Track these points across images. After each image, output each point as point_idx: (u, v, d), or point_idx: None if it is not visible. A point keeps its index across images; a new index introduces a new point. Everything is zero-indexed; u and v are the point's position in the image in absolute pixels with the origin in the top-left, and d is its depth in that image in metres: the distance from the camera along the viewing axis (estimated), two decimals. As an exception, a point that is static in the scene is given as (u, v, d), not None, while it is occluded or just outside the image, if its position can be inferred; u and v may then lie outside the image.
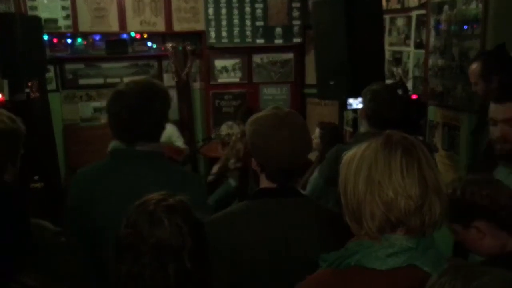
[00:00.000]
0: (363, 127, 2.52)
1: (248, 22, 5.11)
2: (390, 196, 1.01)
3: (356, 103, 2.89)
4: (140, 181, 1.56)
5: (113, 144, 1.67)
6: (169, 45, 5.20)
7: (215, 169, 4.67)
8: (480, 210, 1.37)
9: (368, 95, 2.43)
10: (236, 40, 5.13)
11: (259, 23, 5.12)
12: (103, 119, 5.30)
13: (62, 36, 5.02)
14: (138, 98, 1.61)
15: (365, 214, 1.03)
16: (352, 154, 1.09)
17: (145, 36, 5.21)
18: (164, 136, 5.61)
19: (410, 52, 3.64)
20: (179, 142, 4.80)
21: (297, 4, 5.12)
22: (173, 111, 5.42)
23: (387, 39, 3.82)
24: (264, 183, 1.41)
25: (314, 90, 4.00)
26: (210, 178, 4.87)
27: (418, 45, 3.53)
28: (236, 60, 5.32)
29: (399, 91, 2.87)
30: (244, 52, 5.29)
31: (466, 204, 1.38)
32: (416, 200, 1.01)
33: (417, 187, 1.01)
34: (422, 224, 1.02)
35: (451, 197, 1.30)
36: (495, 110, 1.80)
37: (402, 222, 1.02)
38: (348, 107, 3.03)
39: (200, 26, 5.14)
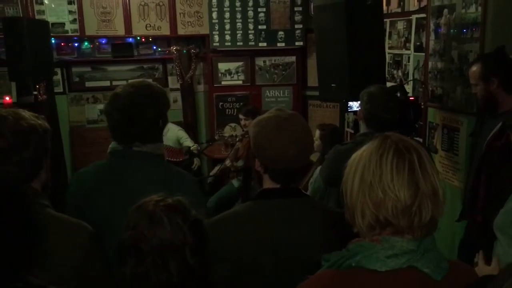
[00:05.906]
0: (361, 128, 2.53)
1: (251, 26, 5.12)
2: (379, 196, 1.02)
3: (356, 105, 2.86)
4: (134, 181, 1.58)
5: (112, 145, 1.68)
6: (173, 48, 5.24)
7: (215, 170, 4.70)
8: None
9: (365, 97, 2.44)
10: (239, 43, 5.15)
11: (261, 27, 5.13)
12: (109, 121, 5.36)
13: (69, 39, 5.07)
14: (130, 100, 1.61)
15: (357, 213, 1.06)
16: (354, 156, 1.11)
17: (150, 39, 5.25)
18: (172, 139, 5.61)
19: (410, 55, 3.64)
20: (188, 141, 4.84)
21: (299, 8, 5.14)
22: (178, 113, 5.47)
23: (387, 42, 3.82)
24: (267, 183, 1.41)
25: (316, 92, 4.01)
26: (210, 179, 4.92)
27: (418, 48, 3.53)
28: (239, 63, 5.34)
29: (398, 94, 2.89)
30: (247, 55, 5.31)
31: None
32: (404, 202, 1.01)
33: (406, 189, 1.02)
34: (410, 226, 1.03)
35: None
36: None
37: (390, 222, 1.03)
38: (349, 110, 3.03)
39: (204, 30, 5.18)
